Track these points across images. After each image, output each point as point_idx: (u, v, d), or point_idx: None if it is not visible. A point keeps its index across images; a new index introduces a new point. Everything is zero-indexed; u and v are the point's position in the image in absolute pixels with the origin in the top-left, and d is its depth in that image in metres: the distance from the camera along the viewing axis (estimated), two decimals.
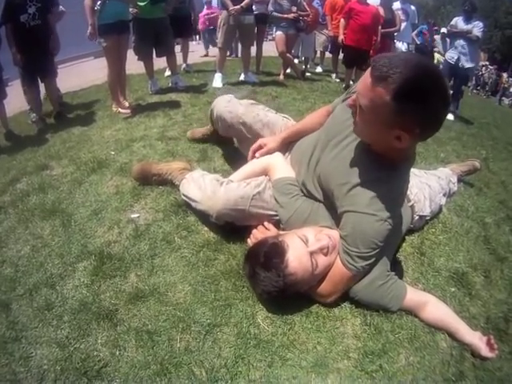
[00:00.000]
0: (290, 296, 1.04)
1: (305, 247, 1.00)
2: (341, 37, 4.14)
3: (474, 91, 10.24)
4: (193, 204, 1.32)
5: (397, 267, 1.26)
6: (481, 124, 4.39)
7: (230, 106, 1.49)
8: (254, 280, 1.03)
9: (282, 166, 1.30)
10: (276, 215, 1.24)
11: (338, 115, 1.15)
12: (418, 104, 0.80)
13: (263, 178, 1.30)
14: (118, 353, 0.97)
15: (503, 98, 10.09)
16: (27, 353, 1.00)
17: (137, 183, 1.64)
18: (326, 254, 1.02)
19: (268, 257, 0.98)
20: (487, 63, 11.56)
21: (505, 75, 11.32)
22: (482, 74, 10.67)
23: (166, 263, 1.24)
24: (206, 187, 1.26)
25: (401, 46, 4.57)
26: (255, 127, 1.46)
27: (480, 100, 9.08)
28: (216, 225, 1.33)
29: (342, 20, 4.10)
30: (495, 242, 1.59)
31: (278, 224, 1.24)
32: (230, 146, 1.87)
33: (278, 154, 1.37)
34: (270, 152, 1.36)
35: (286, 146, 1.39)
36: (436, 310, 1.09)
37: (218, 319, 1.04)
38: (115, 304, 1.10)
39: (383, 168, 0.98)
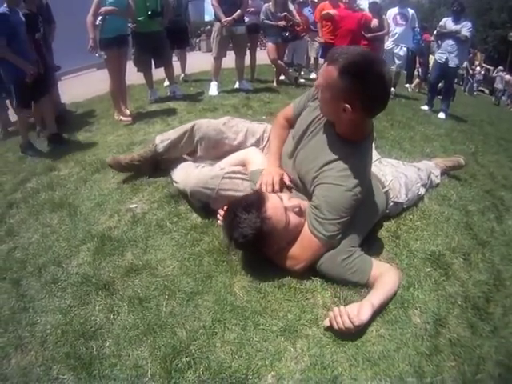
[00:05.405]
0: (262, 246, 1.12)
1: (281, 202, 1.15)
2: (321, 39, 4.38)
3: (472, 91, 10.26)
4: (175, 185, 1.57)
5: (370, 248, 1.28)
6: (473, 121, 4.39)
7: (212, 125, 1.65)
8: (233, 224, 1.11)
9: (256, 160, 1.46)
10: None
11: (304, 118, 1.31)
12: (357, 79, 1.02)
13: (239, 167, 1.47)
14: (112, 317, 1.11)
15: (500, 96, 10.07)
16: (33, 320, 1.14)
17: (135, 180, 1.81)
18: (297, 214, 1.16)
19: (249, 201, 1.13)
20: (478, 63, 11.62)
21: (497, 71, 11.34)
22: (475, 74, 10.70)
23: (158, 244, 1.40)
24: (187, 171, 1.51)
25: (399, 50, 4.57)
26: (239, 139, 1.64)
27: (476, 99, 9.04)
28: (203, 211, 1.49)
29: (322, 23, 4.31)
30: (477, 228, 1.59)
31: None
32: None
33: (253, 149, 1.55)
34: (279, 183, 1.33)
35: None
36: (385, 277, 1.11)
37: (199, 288, 1.18)
38: (113, 277, 1.26)
39: (347, 146, 1.16)
